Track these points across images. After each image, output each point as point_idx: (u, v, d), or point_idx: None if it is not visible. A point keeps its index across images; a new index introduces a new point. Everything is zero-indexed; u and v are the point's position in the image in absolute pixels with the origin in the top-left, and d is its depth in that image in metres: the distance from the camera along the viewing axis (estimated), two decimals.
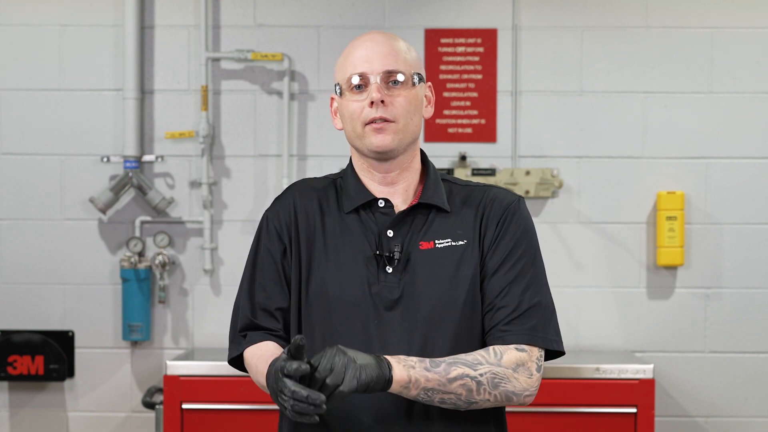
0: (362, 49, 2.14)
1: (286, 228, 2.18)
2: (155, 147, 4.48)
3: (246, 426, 3.99)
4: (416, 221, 2.15)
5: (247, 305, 2.21)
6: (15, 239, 4.48)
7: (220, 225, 4.49)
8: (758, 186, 4.44)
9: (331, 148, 4.45)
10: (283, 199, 2.23)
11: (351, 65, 2.13)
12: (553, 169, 4.43)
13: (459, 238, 2.13)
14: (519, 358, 2.07)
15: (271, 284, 2.18)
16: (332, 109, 2.23)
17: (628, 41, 4.45)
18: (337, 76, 2.17)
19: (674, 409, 4.44)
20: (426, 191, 2.17)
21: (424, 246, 2.12)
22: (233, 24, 4.48)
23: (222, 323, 4.47)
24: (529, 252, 2.14)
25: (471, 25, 4.44)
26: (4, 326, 4.48)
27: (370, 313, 2.09)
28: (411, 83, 2.13)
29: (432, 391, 2.00)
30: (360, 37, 2.18)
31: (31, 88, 4.48)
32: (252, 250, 2.24)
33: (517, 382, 2.05)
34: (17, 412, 4.50)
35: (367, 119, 2.10)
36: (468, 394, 2.01)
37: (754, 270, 4.45)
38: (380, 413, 2.08)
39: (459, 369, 2.01)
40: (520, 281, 2.11)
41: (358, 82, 2.11)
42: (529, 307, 2.10)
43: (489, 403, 2.05)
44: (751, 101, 4.44)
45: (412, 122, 2.13)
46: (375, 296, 2.10)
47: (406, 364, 1.97)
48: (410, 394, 1.99)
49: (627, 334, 4.45)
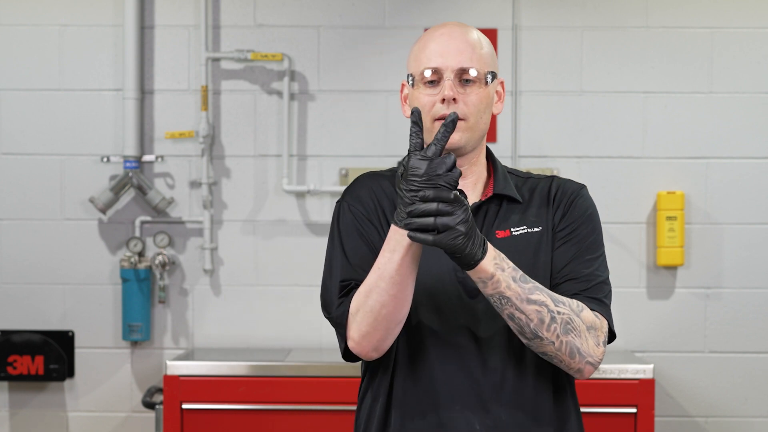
0: (438, 43, 2.14)
1: (373, 212, 2.16)
2: (155, 147, 4.48)
3: (246, 426, 3.99)
4: (490, 212, 2.17)
5: (341, 273, 2.13)
6: (15, 239, 4.48)
7: (220, 225, 4.49)
8: (758, 186, 4.44)
9: (331, 148, 4.45)
10: (360, 188, 2.21)
11: (426, 58, 2.13)
12: (553, 168, 4.43)
13: (534, 225, 2.17)
14: (594, 321, 2.08)
15: (366, 259, 2.13)
16: (402, 95, 2.24)
17: (628, 41, 4.45)
18: (411, 66, 2.17)
19: (674, 409, 4.44)
20: (497, 183, 2.20)
21: (501, 234, 2.14)
22: (233, 24, 4.48)
23: (222, 323, 4.47)
24: (596, 232, 2.18)
25: (471, 25, 4.44)
26: (4, 326, 4.48)
27: (454, 300, 2.11)
28: (484, 81, 2.15)
29: (506, 301, 1.99)
30: (436, 29, 2.17)
31: (31, 88, 4.48)
32: (334, 237, 2.18)
33: (586, 341, 2.05)
34: (17, 412, 4.50)
35: (437, 115, 2.11)
36: (538, 323, 2.01)
37: (753, 270, 4.45)
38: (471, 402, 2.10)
39: (542, 296, 2.01)
40: (590, 255, 2.15)
41: (431, 77, 2.12)
42: (600, 282, 2.14)
43: (552, 347, 2.03)
44: (751, 101, 4.44)
45: (481, 120, 2.16)
46: (461, 284, 2.11)
47: (499, 263, 1.97)
48: (486, 290, 1.99)
49: (627, 334, 4.45)
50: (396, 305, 2.01)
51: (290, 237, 4.46)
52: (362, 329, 2.04)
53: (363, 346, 2.06)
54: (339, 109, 4.46)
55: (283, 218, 4.48)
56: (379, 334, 2.04)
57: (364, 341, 2.06)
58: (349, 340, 2.08)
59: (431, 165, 1.89)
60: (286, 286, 4.47)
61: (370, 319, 2.03)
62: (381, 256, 2.00)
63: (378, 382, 2.17)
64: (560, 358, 2.05)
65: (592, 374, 2.11)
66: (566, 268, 2.13)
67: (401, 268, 1.98)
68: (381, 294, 2.00)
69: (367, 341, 2.05)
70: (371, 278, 2.02)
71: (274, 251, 4.47)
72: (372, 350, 2.07)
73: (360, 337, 2.05)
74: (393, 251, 1.98)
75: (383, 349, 2.07)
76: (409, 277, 2.00)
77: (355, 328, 2.05)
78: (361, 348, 2.07)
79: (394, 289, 1.99)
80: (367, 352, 2.07)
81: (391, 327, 2.04)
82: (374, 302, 2.01)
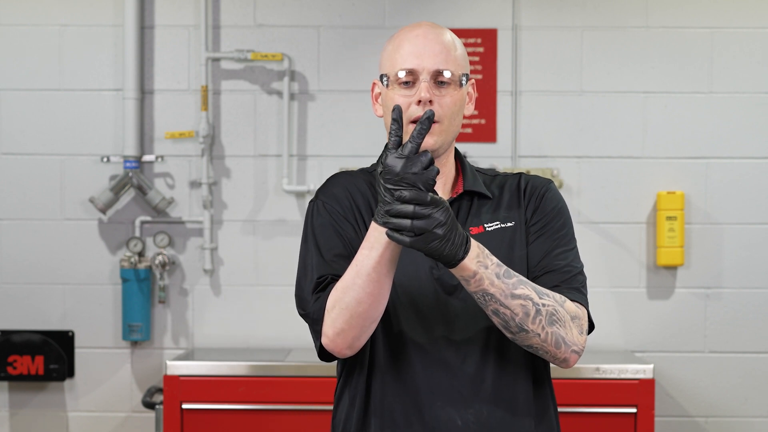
0: (413, 44, 2.13)
1: (349, 210, 2.16)
2: (155, 147, 4.48)
3: (246, 426, 4.00)
4: (462, 209, 2.19)
5: (316, 270, 2.11)
6: (15, 239, 4.48)
7: (220, 225, 4.49)
8: (758, 186, 4.44)
9: (331, 148, 4.45)
10: (334, 186, 2.20)
11: (401, 58, 2.13)
12: (553, 169, 4.43)
13: (506, 220, 2.18)
14: (576, 311, 2.10)
15: (341, 255, 2.12)
16: (373, 94, 2.23)
17: (628, 41, 4.45)
18: (384, 66, 2.16)
19: (674, 409, 4.44)
20: (467, 181, 2.21)
21: (474, 231, 2.16)
22: (233, 24, 4.48)
23: (222, 323, 4.47)
24: (567, 224, 2.21)
25: (471, 25, 4.44)
26: (4, 326, 4.48)
27: (431, 297, 2.11)
28: (458, 83, 2.14)
29: (490, 298, 2.00)
30: (411, 29, 2.16)
31: (31, 88, 4.48)
32: (308, 236, 2.17)
33: (570, 331, 2.07)
34: (17, 412, 4.50)
35: (413, 117, 2.11)
36: (524, 317, 2.02)
37: (753, 270, 4.45)
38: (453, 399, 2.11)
39: (526, 290, 2.02)
40: (565, 247, 2.18)
41: (406, 78, 2.12)
42: (576, 273, 2.17)
43: (537, 339, 2.04)
44: (751, 101, 4.44)
45: (455, 122, 2.16)
46: (437, 281, 2.12)
47: (482, 261, 1.98)
48: (469, 288, 2.00)
49: (627, 334, 4.45)
50: (372, 303, 2.00)
51: (290, 237, 4.46)
52: (337, 326, 2.03)
53: (337, 344, 2.05)
54: (339, 109, 4.46)
55: (283, 218, 4.48)
56: (354, 332, 2.03)
57: (338, 338, 2.04)
58: (323, 336, 2.06)
59: (407, 163, 1.89)
60: (286, 286, 4.47)
61: (346, 316, 2.01)
62: (359, 253, 2.00)
63: (354, 382, 2.17)
64: (546, 349, 2.06)
65: (576, 363, 2.13)
66: (543, 261, 2.15)
67: (379, 265, 1.98)
68: (358, 291, 1.99)
69: (342, 339, 2.04)
70: (348, 275, 2.01)
71: (274, 251, 4.47)
72: (346, 348, 2.05)
73: (334, 334, 2.03)
74: (371, 248, 1.97)
75: (357, 347, 2.06)
76: (387, 276, 2.00)
77: (329, 324, 2.03)
78: (335, 345, 2.05)
79: (371, 287, 1.99)
80: (341, 349, 2.06)
81: (366, 325, 2.03)
82: (351, 299, 2.00)
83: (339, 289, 2.02)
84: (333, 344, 2.05)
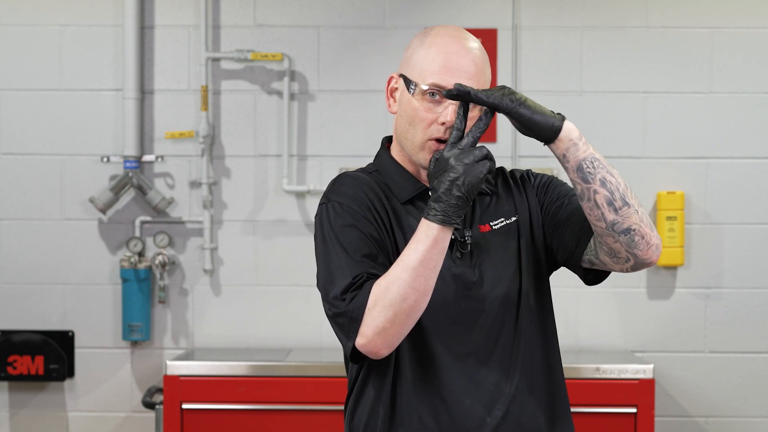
0: (447, 59, 2.10)
1: (366, 208, 2.12)
2: (155, 147, 4.48)
3: (246, 426, 4.00)
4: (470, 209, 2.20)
5: (346, 270, 2.05)
6: (15, 239, 4.48)
7: (220, 225, 4.49)
8: (758, 186, 4.44)
9: (331, 148, 4.45)
10: (346, 186, 2.17)
11: (432, 71, 2.11)
12: (553, 169, 4.43)
13: (509, 215, 2.21)
14: None
15: (369, 254, 2.08)
16: (389, 87, 2.20)
17: (628, 41, 4.45)
18: (413, 71, 2.13)
19: (674, 409, 4.44)
20: None
21: (483, 229, 2.17)
22: (233, 24, 4.48)
23: (222, 323, 4.47)
24: (565, 183, 2.31)
25: (471, 25, 4.44)
26: (4, 326, 4.48)
27: (452, 295, 2.11)
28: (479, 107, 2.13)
29: (598, 163, 2.09)
30: (448, 41, 2.13)
31: (31, 88, 4.48)
32: (328, 238, 2.10)
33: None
34: (17, 412, 4.50)
35: (434, 136, 2.11)
36: (625, 188, 2.09)
37: (753, 270, 4.45)
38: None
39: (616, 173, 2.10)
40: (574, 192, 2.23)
41: (434, 91, 2.10)
42: None
43: (636, 217, 2.07)
44: (751, 101, 4.44)
45: None
46: (457, 279, 2.12)
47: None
48: (578, 154, 2.10)
49: (627, 334, 4.45)
50: (417, 299, 1.98)
51: (290, 237, 4.46)
52: (378, 324, 1.98)
53: (376, 343, 1.99)
54: (339, 109, 4.46)
55: (283, 218, 4.48)
56: (395, 330, 1.99)
57: (378, 338, 1.98)
58: (359, 336, 2.00)
59: (461, 154, 1.99)
60: (286, 286, 4.47)
61: (388, 313, 1.97)
62: (406, 249, 2.00)
63: (377, 387, 2.13)
64: (642, 231, 2.08)
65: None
66: (575, 212, 2.21)
67: (426, 260, 1.97)
68: (403, 286, 1.97)
69: (382, 338, 1.99)
70: (394, 271, 1.99)
71: (274, 251, 4.47)
72: (385, 347, 2.00)
73: (374, 333, 1.98)
74: (419, 242, 1.98)
75: (394, 347, 2.03)
76: (433, 271, 1.99)
77: (368, 323, 1.98)
78: (373, 345, 1.99)
79: (417, 281, 1.97)
80: (379, 349, 2.00)
81: (408, 324, 2.00)
82: (395, 295, 1.97)
83: (382, 286, 1.99)
84: (371, 344, 2.00)
